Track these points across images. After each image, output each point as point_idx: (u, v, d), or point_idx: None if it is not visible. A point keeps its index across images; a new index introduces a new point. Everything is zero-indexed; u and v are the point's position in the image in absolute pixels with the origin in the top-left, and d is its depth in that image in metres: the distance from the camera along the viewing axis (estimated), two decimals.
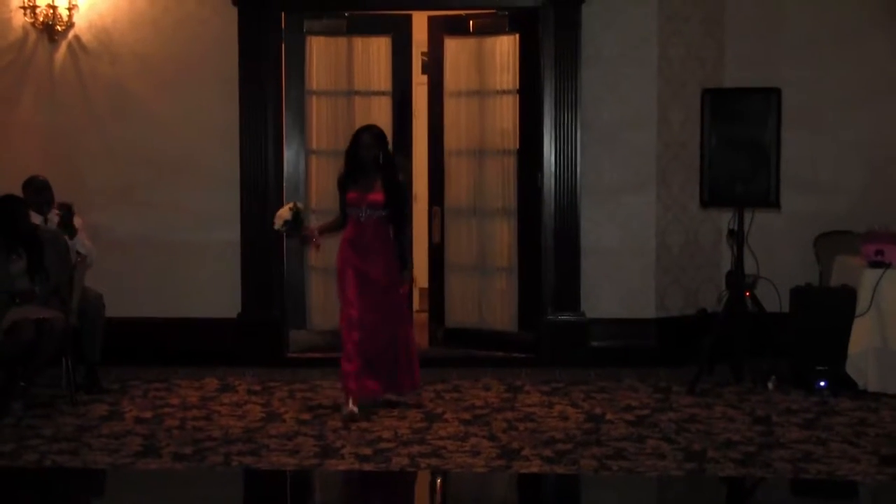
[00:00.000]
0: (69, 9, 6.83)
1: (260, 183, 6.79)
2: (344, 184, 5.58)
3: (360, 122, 7.11)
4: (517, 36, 6.96)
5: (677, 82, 6.88)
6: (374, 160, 5.51)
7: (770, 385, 6.04)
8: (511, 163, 7.06)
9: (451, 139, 7.18)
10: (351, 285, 5.49)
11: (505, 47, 7.05)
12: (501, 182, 7.10)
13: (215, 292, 6.84)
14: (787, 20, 7.06)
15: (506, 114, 7.07)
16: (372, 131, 5.57)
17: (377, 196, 5.49)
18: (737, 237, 6.17)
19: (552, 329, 6.79)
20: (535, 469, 4.65)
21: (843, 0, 7.07)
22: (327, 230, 5.75)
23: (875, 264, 5.95)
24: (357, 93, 7.08)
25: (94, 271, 6.37)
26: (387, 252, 5.55)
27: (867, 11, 7.05)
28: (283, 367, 6.60)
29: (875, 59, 7.05)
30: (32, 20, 6.82)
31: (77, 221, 6.24)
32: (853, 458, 4.76)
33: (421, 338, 6.96)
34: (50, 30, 6.83)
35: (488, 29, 7.02)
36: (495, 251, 7.13)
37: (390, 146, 5.75)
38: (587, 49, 6.74)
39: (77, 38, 6.90)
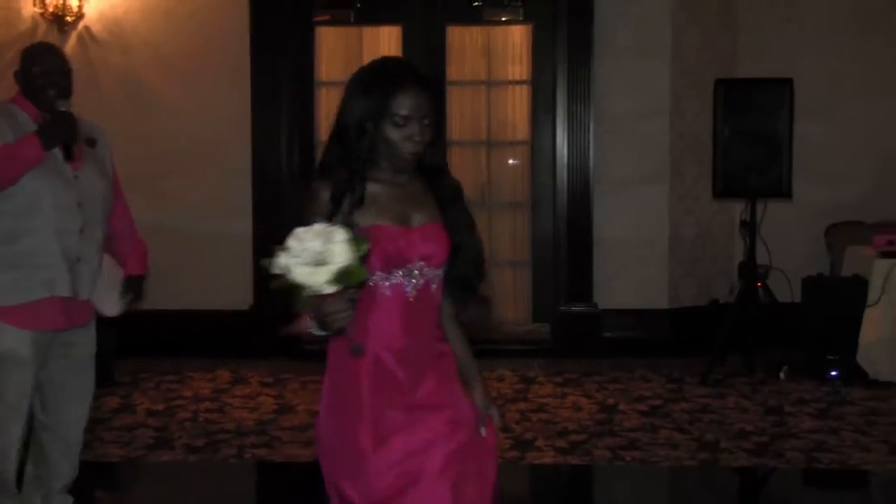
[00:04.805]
0: None
1: (272, 174, 6.79)
2: (347, 207, 2.35)
3: None
4: (530, 26, 6.94)
5: (691, 73, 6.85)
6: (418, 154, 2.40)
7: (782, 375, 6.03)
8: (523, 154, 7.04)
9: (454, 131, 7.11)
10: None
11: (517, 37, 7.03)
12: (513, 174, 7.08)
13: (228, 284, 6.84)
14: (801, 10, 7.02)
15: (517, 105, 7.04)
16: (430, 81, 2.43)
17: (438, 237, 2.41)
18: (749, 228, 6.16)
19: (565, 320, 6.79)
20: (548, 460, 4.65)
21: None
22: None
23: (886, 254, 5.93)
24: None
25: None
26: (450, 366, 2.47)
27: (882, 2, 7.00)
28: (296, 359, 6.58)
29: (888, 51, 7.00)
30: (42, 10, 6.81)
31: None
32: (865, 448, 4.77)
33: None
34: (60, 20, 6.83)
35: (500, 18, 6.98)
36: (506, 244, 7.11)
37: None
38: (600, 40, 6.72)
39: (87, 28, 6.90)
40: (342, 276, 2.13)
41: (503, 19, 6.97)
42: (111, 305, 3.45)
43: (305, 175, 6.93)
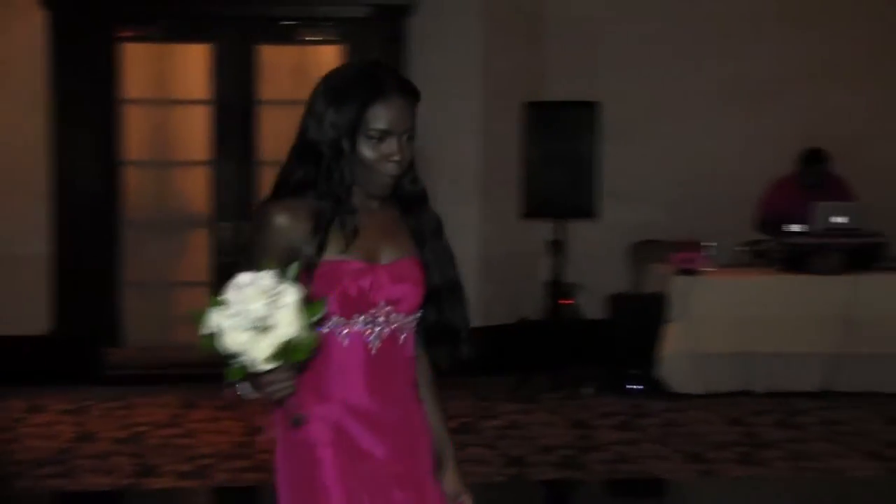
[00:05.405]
0: None
1: (72, 194, 6.49)
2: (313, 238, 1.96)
3: (177, 132, 6.95)
4: (342, 46, 6.94)
5: (502, 95, 7.00)
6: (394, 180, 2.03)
7: (588, 390, 6.23)
8: None
9: (267, 151, 6.88)
10: None
11: (330, 57, 7.01)
12: None
13: (23, 308, 6.46)
14: (608, 34, 7.27)
15: None
16: (412, 87, 2.01)
17: (412, 276, 2.07)
18: (556, 247, 6.36)
19: None
20: None
21: (660, 18, 7.34)
22: None
23: (683, 272, 6.24)
24: (175, 101, 6.88)
25: None
26: (425, 427, 2.14)
27: (684, 31, 7.35)
28: (98, 385, 6.29)
29: (691, 75, 7.34)
30: None
31: None
32: (663, 457, 4.99)
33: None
34: None
35: (312, 38, 6.95)
36: None
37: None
38: (414, 61, 6.79)
39: None
40: (285, 352, 1.74)
41: (315, 39, 6.95)
42: None
43: (111, 195, 6.67)
